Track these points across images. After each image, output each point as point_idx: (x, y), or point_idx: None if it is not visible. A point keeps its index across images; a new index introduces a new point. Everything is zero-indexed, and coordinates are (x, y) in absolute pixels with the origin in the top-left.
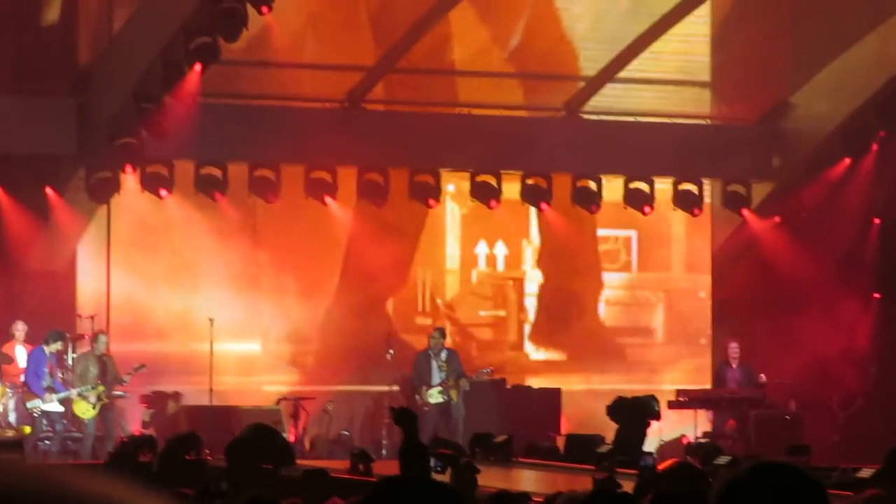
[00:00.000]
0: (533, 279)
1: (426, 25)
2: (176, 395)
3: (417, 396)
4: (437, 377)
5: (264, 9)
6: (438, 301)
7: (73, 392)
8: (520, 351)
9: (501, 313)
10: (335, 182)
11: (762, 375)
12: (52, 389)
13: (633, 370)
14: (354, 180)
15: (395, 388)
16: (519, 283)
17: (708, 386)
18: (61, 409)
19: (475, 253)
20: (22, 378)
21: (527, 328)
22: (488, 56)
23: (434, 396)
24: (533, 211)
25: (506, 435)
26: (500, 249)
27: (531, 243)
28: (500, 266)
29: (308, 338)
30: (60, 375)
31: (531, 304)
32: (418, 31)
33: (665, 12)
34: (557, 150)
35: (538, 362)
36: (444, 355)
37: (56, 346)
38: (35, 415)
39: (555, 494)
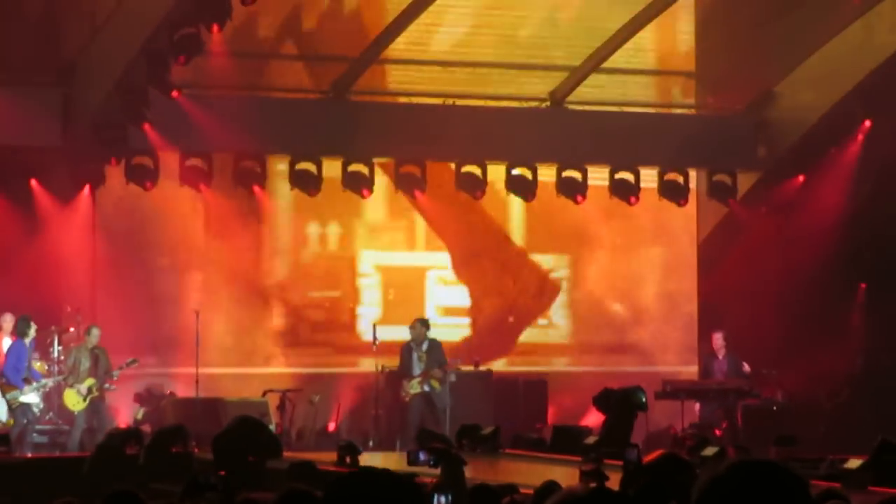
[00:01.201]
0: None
1: (411, 16)
2: (171, 395)
3: (402, 389)
4: (417, 368)
5: (248, 0)
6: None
7: (49, 381)
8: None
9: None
10: (320, 174)
11: (745, 365)
12: (28, 380)
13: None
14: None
15: (381, 370)
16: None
17: None
18: (37, 400)
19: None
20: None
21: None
22: (472, 46)
23: (414, 387)
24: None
25: (493, 426)
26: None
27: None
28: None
29: (293, 324)
30: (46, 366)
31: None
32: (403, 21)
33: (649, 1)
34: (542, 140)
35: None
36: (424, 346)
37: (32, 333)
38: (13, 407)
39: (546, 483)
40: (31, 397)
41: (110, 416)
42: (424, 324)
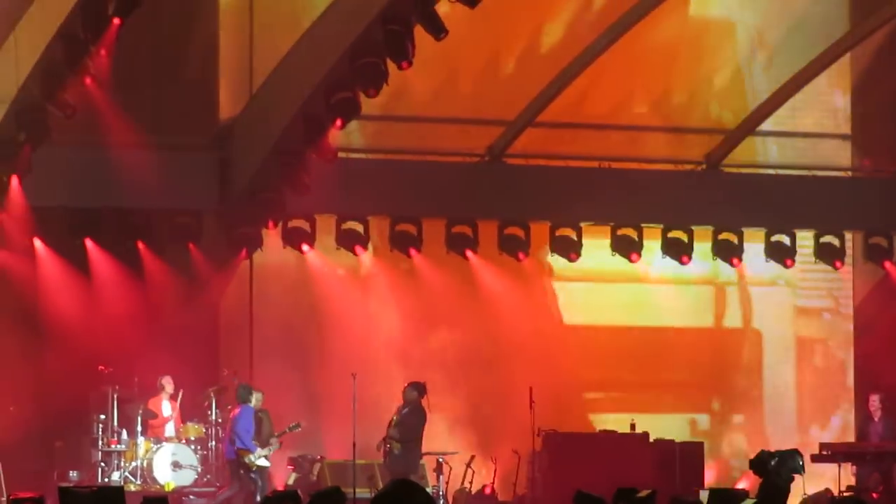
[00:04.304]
0: None
1: (566, 79)
2: (321, 459)
3: None
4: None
5: (404, 64)
6: None
7: (276, 445)
8: None
9: None
10: (476, 236)
11: None
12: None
13: None
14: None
15: (539, 432)
16: None
17: None
18: (268, 464)
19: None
20: (236, 435)
21: None
22: (628, 109)
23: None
24: None
25: (650, 489)
26: None
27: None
28: None
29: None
30: (203, 429)
31: None
32: (559, 84)
33: (804, 65)
34: (698, 203)
35: None
36: (405, 409)
37: (254, 401)
38: (251, 469)
39: None
40: (262, 461)
41: (269, 479)
42: (414, 387)
